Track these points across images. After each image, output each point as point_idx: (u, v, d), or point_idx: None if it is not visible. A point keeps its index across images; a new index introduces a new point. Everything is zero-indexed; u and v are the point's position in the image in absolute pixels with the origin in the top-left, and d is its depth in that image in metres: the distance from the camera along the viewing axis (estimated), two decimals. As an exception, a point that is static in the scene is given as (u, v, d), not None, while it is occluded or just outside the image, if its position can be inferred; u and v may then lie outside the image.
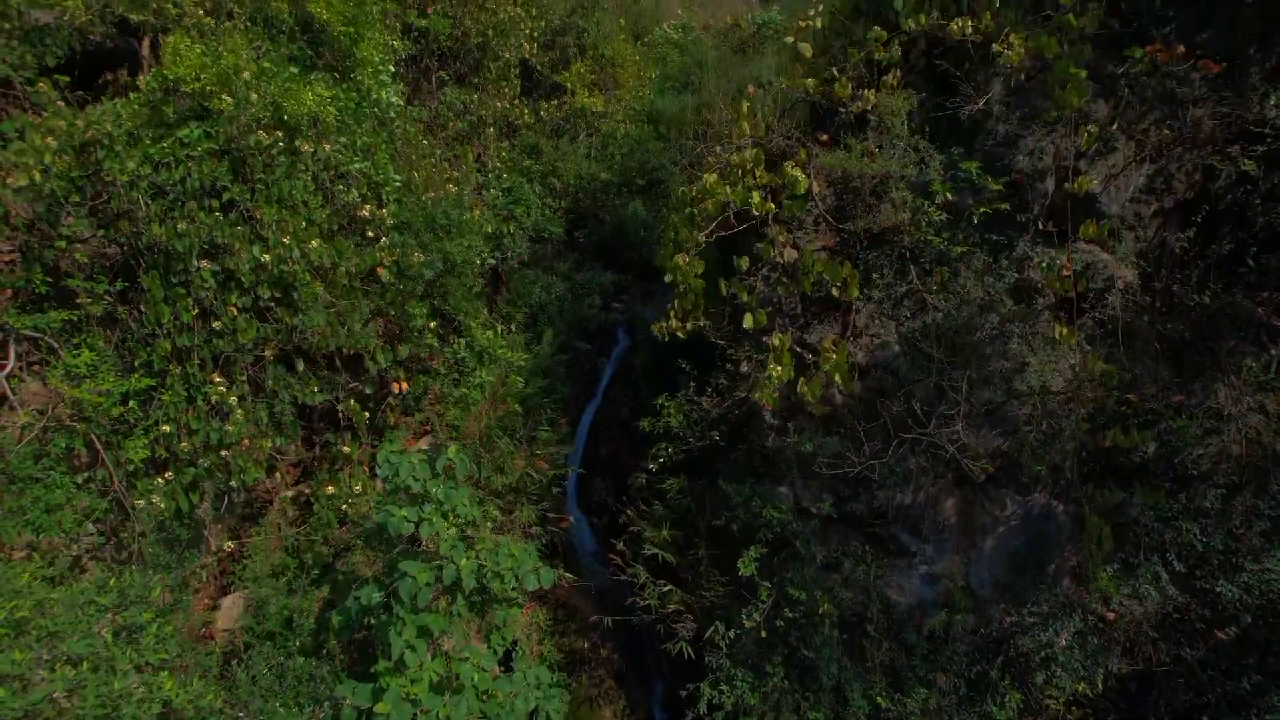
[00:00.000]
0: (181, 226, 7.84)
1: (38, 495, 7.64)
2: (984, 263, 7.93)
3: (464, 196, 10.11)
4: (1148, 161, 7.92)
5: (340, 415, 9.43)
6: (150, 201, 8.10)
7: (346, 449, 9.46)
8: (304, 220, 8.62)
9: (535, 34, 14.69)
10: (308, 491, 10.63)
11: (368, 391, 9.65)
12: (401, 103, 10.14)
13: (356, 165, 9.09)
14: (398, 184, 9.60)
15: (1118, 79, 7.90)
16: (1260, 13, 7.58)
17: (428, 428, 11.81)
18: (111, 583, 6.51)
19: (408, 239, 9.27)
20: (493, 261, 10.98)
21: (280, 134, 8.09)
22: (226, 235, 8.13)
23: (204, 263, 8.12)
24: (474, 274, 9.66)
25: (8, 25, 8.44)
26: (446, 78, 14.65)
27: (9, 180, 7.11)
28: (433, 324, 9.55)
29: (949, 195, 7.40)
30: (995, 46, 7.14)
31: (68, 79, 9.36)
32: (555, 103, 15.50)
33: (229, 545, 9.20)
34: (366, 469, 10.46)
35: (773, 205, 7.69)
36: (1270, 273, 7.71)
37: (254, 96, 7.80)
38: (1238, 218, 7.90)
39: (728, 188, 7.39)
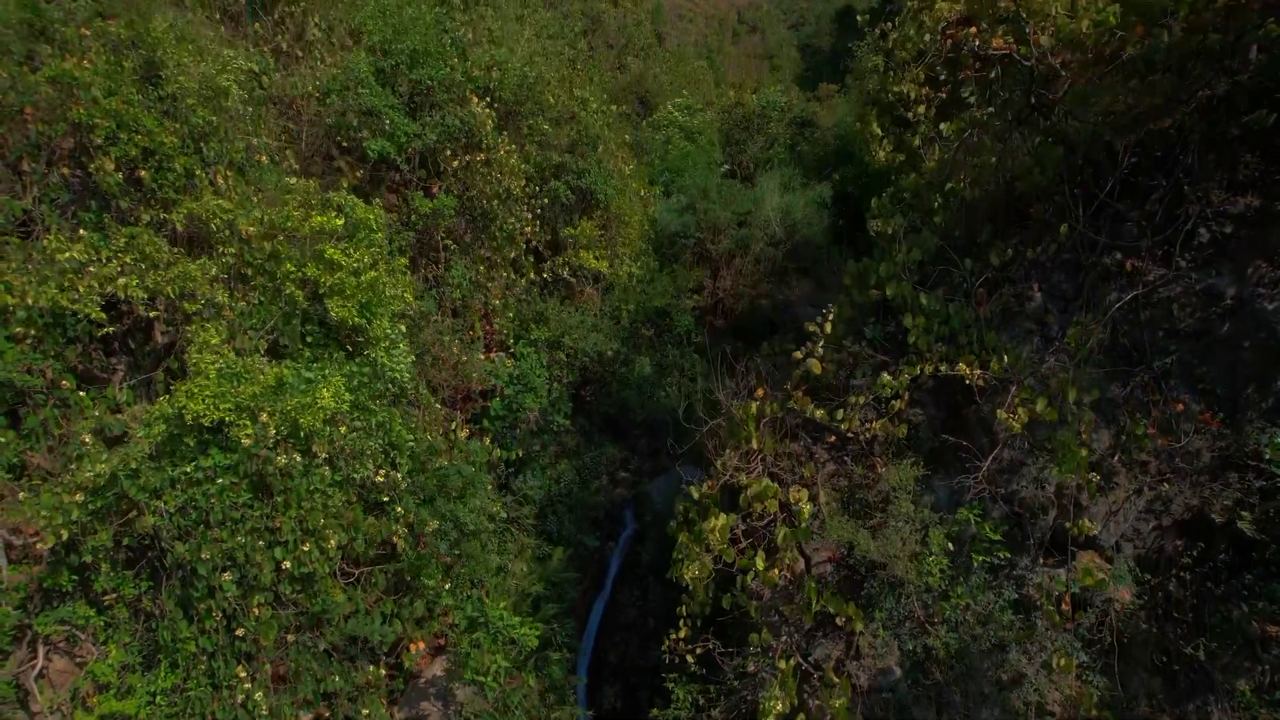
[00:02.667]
0: (205, 554, 8.07)
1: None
2: (983, 581, 8.17)
3: (471, 453, 10.31)
4: (1147, 489, 8.11)
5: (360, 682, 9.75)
6: (172, 516, 8.32)
7: (366, 710, 9.77)
8: (320, 512, 8.84)
9: (538, 208, 14.74)
10: (327, 716, 11.00)
11: (384, 650, 9.95)
12: (413, 360, 10.28)
13: (372, 444, 9.29)
14: (410, 444, 9.80)
15: (1119, 405, 8.08)
16: (1257, 357, 7.72)
17: (441, 640, 12.13)
18: None
19: (423, 509, 9.49)
20: (504, 516, 11.24)
21: (299, 455, 8.28)
22: (248, 548, 8.36)
23: (225, 575, 8.37)
24: (488, 535, 9.89)
25: (33, 332, 8.58)
26: (452, 245, 14.73)
27: (38, 545, 7.33)
28: (447, 585, 9.82)
29: (949, 546, 7.62)
30: (1000, 413, 7.30)
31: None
32: (561, 259, 15.58)
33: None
34: (384, 701, 10.81)
35: (774, 571, 7.89)
36: (1266, 596, 7.92)
37: (272, 431, 7.98)
38: (1233, 541, 8.10)
39: (731, 550, 7.62)
